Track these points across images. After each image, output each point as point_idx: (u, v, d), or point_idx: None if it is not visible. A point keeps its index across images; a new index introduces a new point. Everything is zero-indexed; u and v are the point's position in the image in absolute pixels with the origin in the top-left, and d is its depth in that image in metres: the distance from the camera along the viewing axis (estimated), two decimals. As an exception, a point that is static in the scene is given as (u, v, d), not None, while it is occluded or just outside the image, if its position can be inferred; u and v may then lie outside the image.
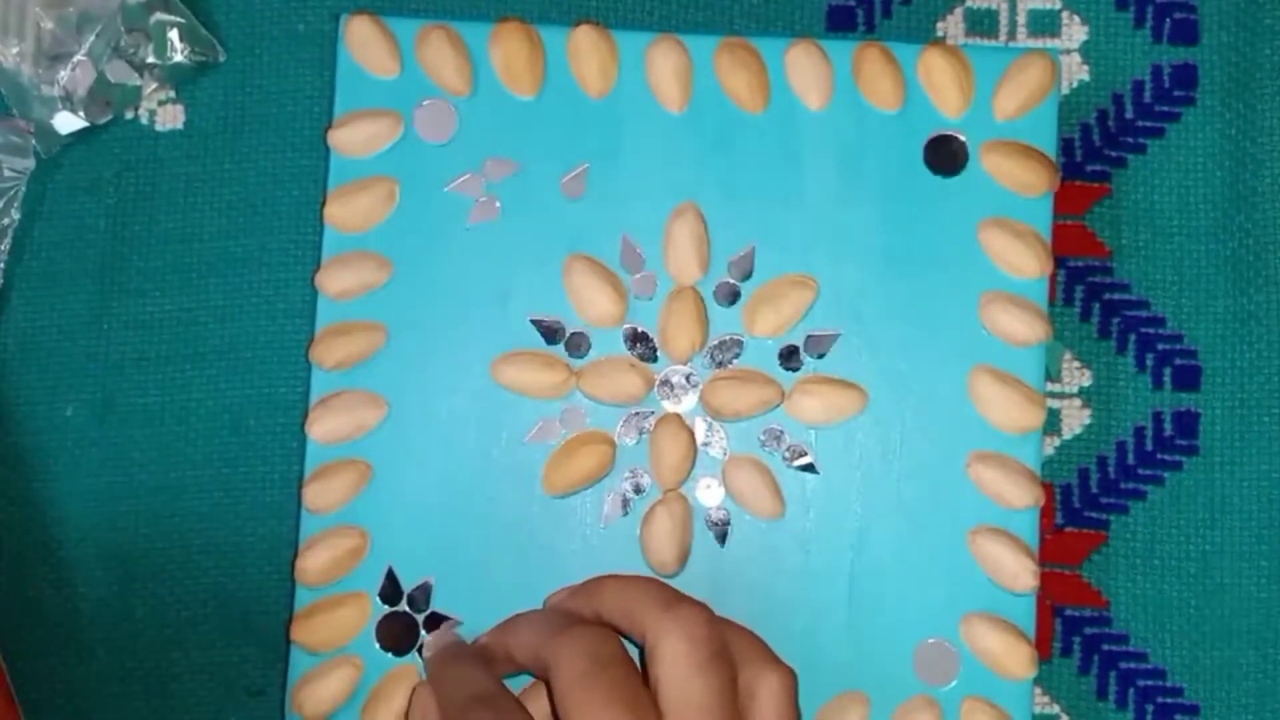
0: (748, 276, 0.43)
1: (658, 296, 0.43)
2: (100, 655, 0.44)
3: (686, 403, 0.43)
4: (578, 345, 0.43)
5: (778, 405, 0.42)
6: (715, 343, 0.43)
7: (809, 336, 0.43)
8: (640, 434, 0.43)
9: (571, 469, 0.42)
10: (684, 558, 0.42)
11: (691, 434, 0.42)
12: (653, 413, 0.43)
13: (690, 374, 0.43)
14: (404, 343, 0.43)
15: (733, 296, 0.43)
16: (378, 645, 0.42)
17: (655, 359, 0.43)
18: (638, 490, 0.43)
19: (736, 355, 0.43)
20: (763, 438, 0.43)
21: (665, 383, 0.43)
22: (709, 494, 0.42)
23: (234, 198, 0.46)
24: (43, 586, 0.44)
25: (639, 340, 0.43)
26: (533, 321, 0.43)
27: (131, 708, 0.44)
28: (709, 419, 0.43)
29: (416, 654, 0.42)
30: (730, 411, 0.42)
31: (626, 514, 0.42)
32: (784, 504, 0.42)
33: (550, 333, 0.43)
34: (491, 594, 0.42)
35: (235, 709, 0.44)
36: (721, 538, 0.42)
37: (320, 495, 0.42)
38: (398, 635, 0.42)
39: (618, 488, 0.42)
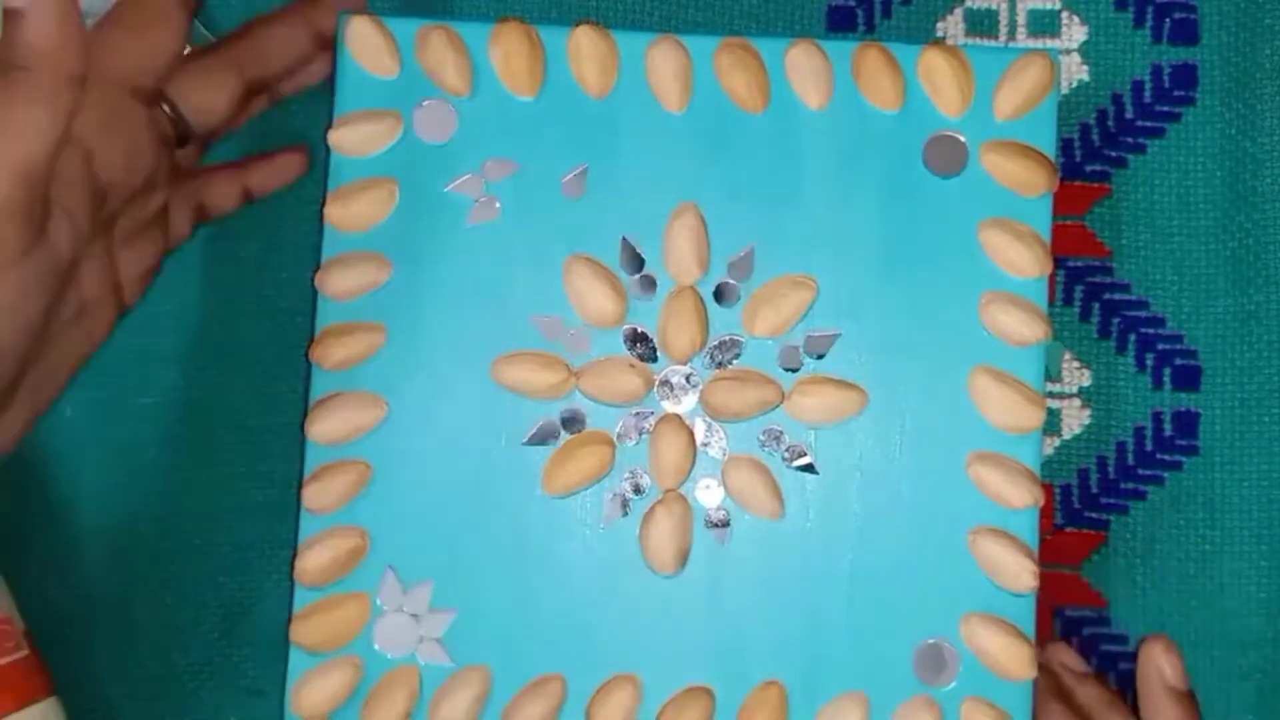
0: (747, 277, 0.43)
1: (658, 297, 0.43)
2: (100, 655, 0.44)
3: (686, 403, 0.43)
4: (577, 345, 0.43)
5: (777, 405, 0.42)
6: (715, 343, 0.43)
7: (809, 336, 0.43)
8: (640, 434, 0.43)
9: (571, 469, 0.42)
10: (683, 558, 0.42)
11: (691, 434, 0.42)
12: (652, 413, 0.43)
13: (690, 374, 0.43)
14: (404, 343, 0.43)
15: (732, 297, 0.43)
16: (377, 646, 0.42)
17: (655, 359, 0.43)
18: (637, 490, 0.43)
19: (736, 355, 0.43)
20: (762, 438, 0.43)
21: (665, 383, 0.43)
22: (709, 494, 0.42)
23: (234, 198, 0.46)
24: (43, 586, 0.44)
25: (639, 340, 0.43)
26: (533, 320, 0.43)
27: (132, 707, 0.44)
28: (708, 419, 0.43)
29: (416, 654, 0.42)
30: (730, 412, 0.42)
31: (626, 514, 0.42)
32: (784, 504, 0.42)
33: (549, 333, 0.43)
34: (491, 594, 0.42)
35: (235, 709, 0.44)
36: (721, 538, 0.42)
37: (320, 495, 0.42)
38: (398, 636, 0.42)
39: (617, 488, 0.43)
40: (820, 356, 0.43)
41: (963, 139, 0.43)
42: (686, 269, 0.43)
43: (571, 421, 0.43)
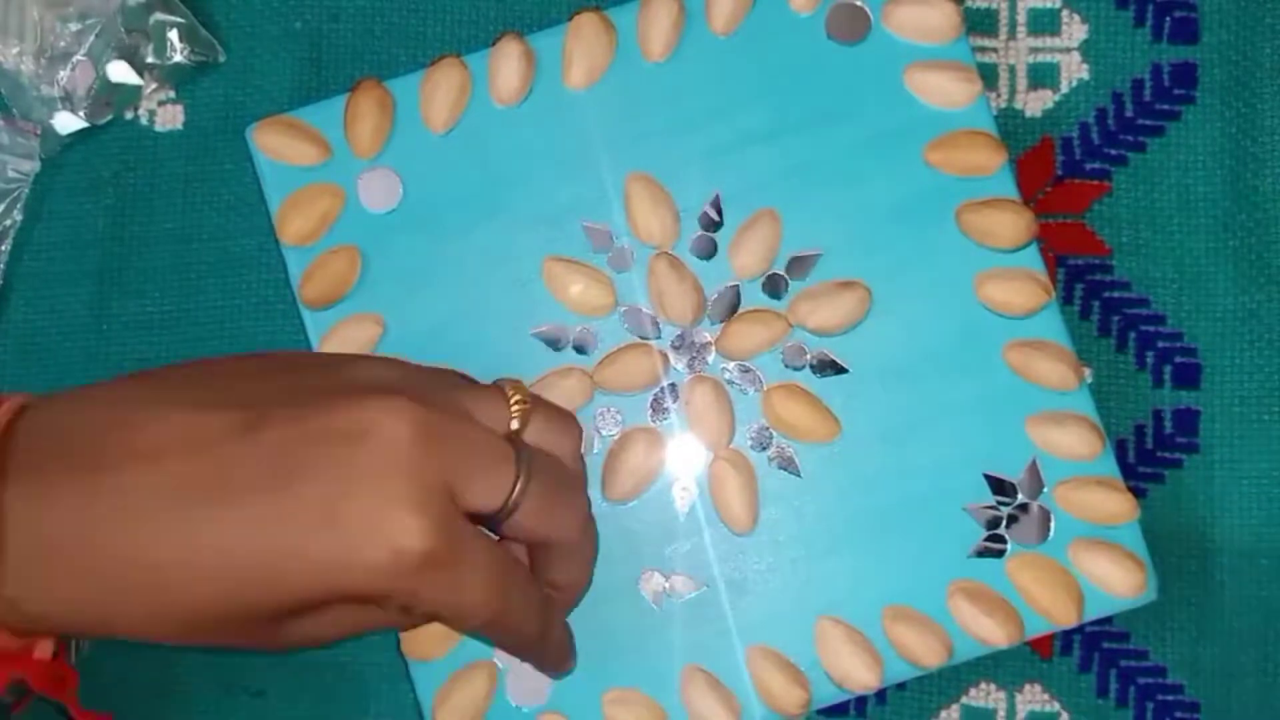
0: (718, 226, 0.43)
1: (638, 264, 0.43)
2: (101, 656, 0.44)
3: (704, 360, 0.43)
4: (586, 343, 0.43)
5: (792, 329, 0.42)
6: (714, 297, 0.43)
7: (792, 259, 0.43)
8: (672, 409, 0.42)
9: (628, 473, 0.42)
10: (756, 509, 0.42)
11: (722, 388, 0.42)
12: (675, 384, 0.42)
13: (698, 333, 0.43)
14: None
15: (710, 248, 0.43)
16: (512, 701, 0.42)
17: (659, 332, 0.43)
18: (695, 464, 0.42)
19: (736, 303, 0.43)
20: (785, 357, 0.42)
21: (677, 348, 0.43)
22: (762, 436, 0.42)
23: (234, 198, 0.46)
24: (43, 586, 0.45)
25: (639, 318, 0.43)
26: (536, 335, 0.43)
27: (132, 708, 0.44)
28: (729, 365, 0.42)
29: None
30: (751, 348, 0.42)
31: (698, 492, 0.42)
32: (837, 420, 0.42)
33: (554, 341, 0.43)
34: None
35: (235, 709, 0.44)
36: (794, 473, 0.42)
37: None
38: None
39: (679, 475, 0.42)
40: (805, 277, 0.43)
41: (862, 5, 0.43)
42: (658, 234, 0.43)
43: (607, 423, 0.42)
